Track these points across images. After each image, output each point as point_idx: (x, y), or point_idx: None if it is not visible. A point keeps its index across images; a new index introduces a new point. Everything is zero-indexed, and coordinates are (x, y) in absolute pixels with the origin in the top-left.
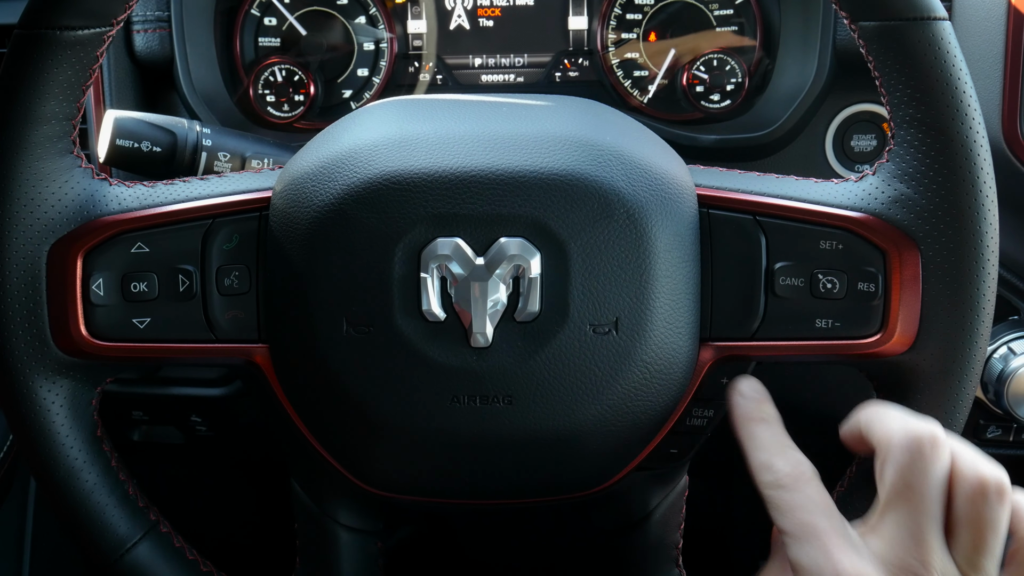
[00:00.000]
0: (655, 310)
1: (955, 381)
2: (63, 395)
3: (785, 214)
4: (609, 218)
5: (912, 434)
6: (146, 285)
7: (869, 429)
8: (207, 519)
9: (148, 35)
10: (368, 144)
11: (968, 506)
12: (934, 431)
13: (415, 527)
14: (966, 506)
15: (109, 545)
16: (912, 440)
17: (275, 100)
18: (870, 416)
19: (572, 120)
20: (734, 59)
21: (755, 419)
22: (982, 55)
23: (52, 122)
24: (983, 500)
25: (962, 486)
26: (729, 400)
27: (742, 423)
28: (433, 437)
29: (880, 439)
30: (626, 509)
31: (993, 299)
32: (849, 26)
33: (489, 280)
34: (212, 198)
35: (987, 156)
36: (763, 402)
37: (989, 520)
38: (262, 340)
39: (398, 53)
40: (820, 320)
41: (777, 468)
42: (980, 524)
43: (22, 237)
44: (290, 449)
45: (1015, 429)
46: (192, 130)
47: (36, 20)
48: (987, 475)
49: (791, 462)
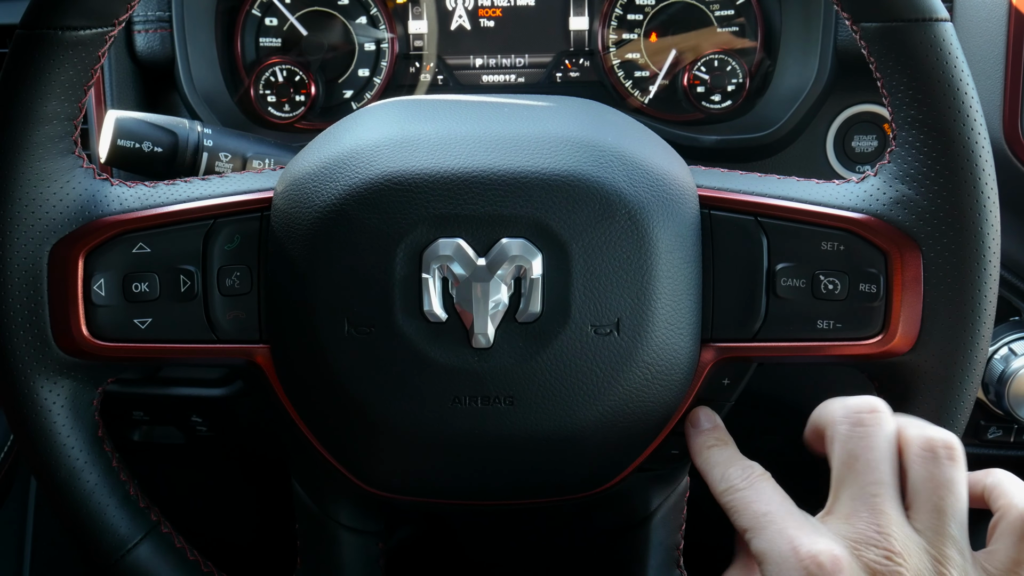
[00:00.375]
0: (656, 311)
1: (956, 382)
2: (64, 395)
3: (786, 215)
4: (610, 219)
5: (851, 407)
6: (147, 285)
7: (818, 419)
8: (208, 520)
9: (149, 35)
10: (369, 144)
11: (920, 469)
12: (873, 403)
13: (416, 527)
14: (918, 470)
15: (110, 545)
16: (851, 413)
17: (276, 100)
18: (818, 409)
19: (573, 121)
20: (735, 60)
21: (709, 446)
22: (983, 56)
23: (53, 122)
24: (934, 461)
25: (911, 450)
26: (685, 432)
27: (698, 451)
28: (434, 438)
29: (825, 422)
30: (627, 510)
31: (994, 300)
32: (851, 27)
33: (491, 281)
34: (213, 198)
35: (988, 157)
36: (716, 429)
37: (943, 481)
38: (263, 340)
39: (399, 53)
40: (821, 321)
41: (730, 475)
42: (934, 486)
43: (23, 237)
44: (291, 449)
45: (1016, 430)
46: (193, 130)
47: (38, 20)
48: (934, 436)
49: (742, 467)
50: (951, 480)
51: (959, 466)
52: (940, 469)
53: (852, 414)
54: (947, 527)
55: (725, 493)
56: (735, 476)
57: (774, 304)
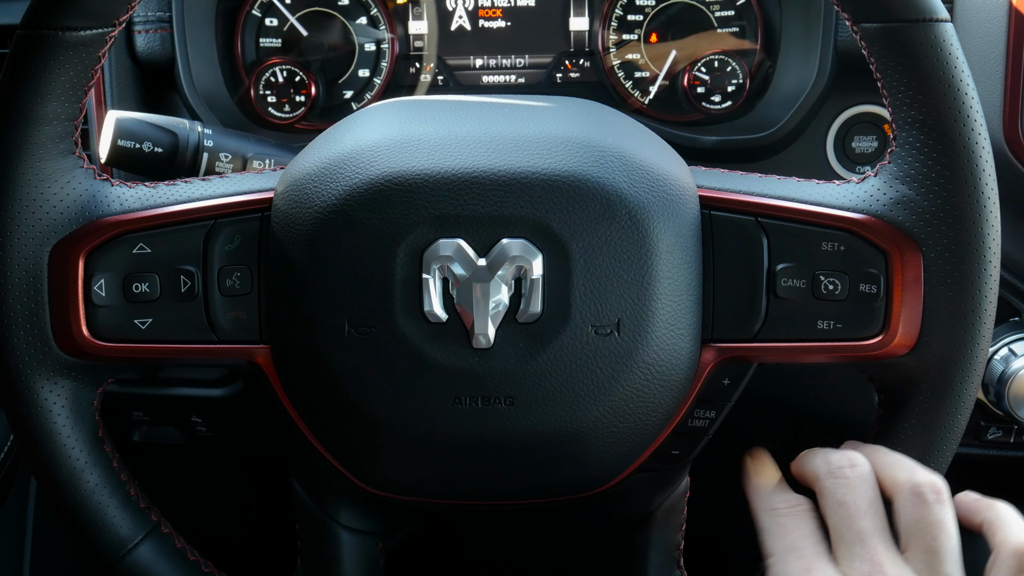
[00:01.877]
0: (657, 311)
1: (956, 382)
2: (64, 396)
3: (787, 215)
4: (611, 219)
5: (830, 462)
6: (148, 286)
7: (800, 471)
8: (208, 520)
9: (149, 36)
10: (370, 145)
11: (910, 513)
12: (850, 455)
13: (416, 528)
14: (908, 513)
15: (110, 546)
16: (831, 466)
17: (276, 101)
18: (799, 460)
19: (574, 121)
20: (735, 60)
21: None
22: (983, 56)
23: (54, 123)
24: (922, 503)
25: (900, 495)
26: (745, 471)
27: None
28: (434, 438)
29: (809, 478)
30: (627, 510)
31: (995, 300)
32: (851, 27)
33: (491, 281)
34: (214, 199)
35: (989, 158)
36: (773, 473)
37: (933, 522)
38: (264, 341)
39: (399, 54)
40: (822, 321)
41: (775, 499)
42: (926, 528)
43: (24, 238)
44: (291, 450)
45: (1016, 431)
46: (193, 131)
47: (38, 21)
48: (920, 479)
49: (790, 496)
50: (941, 521)
51: (947, 507)
52: (929, 511)
53: (832, 468)
54: (942, 566)
55: (765, 512)
56: (780, 501)
57: (774, 304)
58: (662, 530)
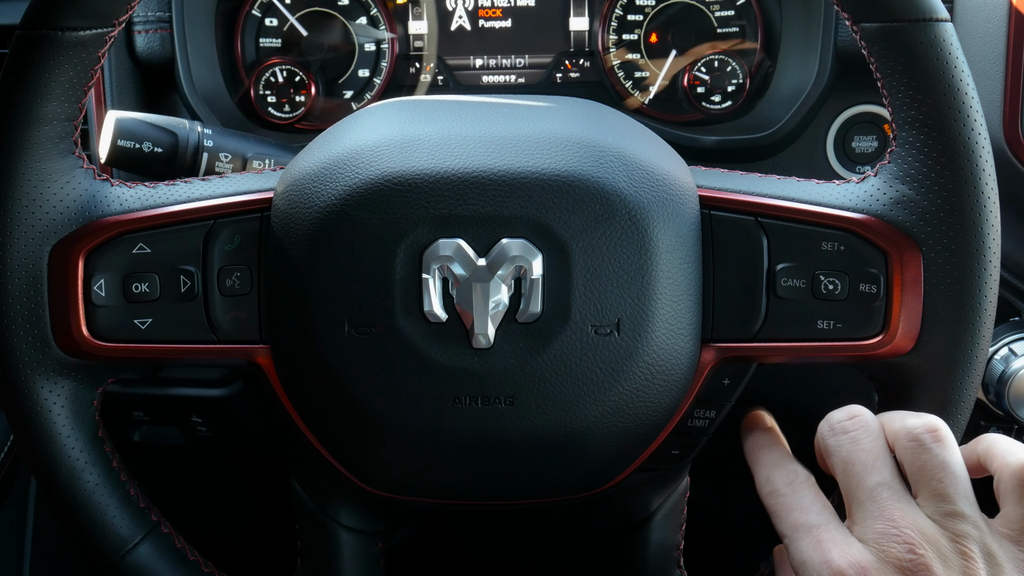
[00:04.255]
0: (657, 311)
1: (956, 382)
2: (64, 396)
3: (787, 215)
4: (611, 219)
5: (832, 418)
6: (147, 286)
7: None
8: (208, 520)
9: (149, 36)
10: (370, 145)
11: (912, 460)
12: (850, 408)
13: (416, 528)
14: (910, 461)
15: (110, 546)
16: (834, 423)
17: (276, 101)
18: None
19: (574, 121)
20: (735, 60)
21: (759, 446)
22: (983, 56)
23: (54, 123)
24: (921, 449)
25: (899, 444)
26: (741, 433)
27: (748, 451)
28: (434, 438)
29: (816, 441)
30: (627, 510)
31: (995, 300)
32: (851, 27)
33: (491, 281)
34: (213, 199)
35: (989, 157)
36: (769, 431)
37: (936, 465)
38: (263, 341)
39: (399, 54)
40: (822, 321)
41: (774, 479)
42: (930, 472)
43: (24, 238)
44: (291, 450)
45: (1016, 430)
46: (193, 131)
47: (38, 21)
48: (915, 424)
49: (787, 471)
50: (944, 462)
51: (947, 445)
52: (930, 454)
53: (835, 424)
54: (954, 507)
55: (768, 496)
56: (779, 479)
57: (774, 304)
58: (662, 530)
